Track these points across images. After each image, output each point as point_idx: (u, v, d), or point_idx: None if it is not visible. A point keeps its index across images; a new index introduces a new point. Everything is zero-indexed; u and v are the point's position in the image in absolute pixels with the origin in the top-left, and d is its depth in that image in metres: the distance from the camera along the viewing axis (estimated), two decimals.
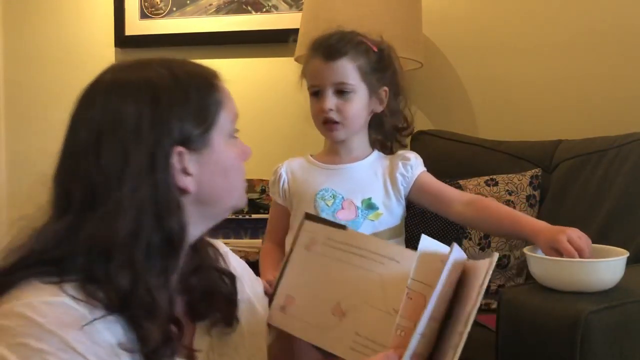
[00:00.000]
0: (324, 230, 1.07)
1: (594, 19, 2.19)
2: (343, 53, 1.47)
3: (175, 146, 0.92)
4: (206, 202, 0.97)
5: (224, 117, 0.99)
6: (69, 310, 0.84)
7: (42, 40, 2.82)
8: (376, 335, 0.96)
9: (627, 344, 1.26)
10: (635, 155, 1.79)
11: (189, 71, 0.99)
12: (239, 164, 1.02)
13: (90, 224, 0.88)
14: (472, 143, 2.13)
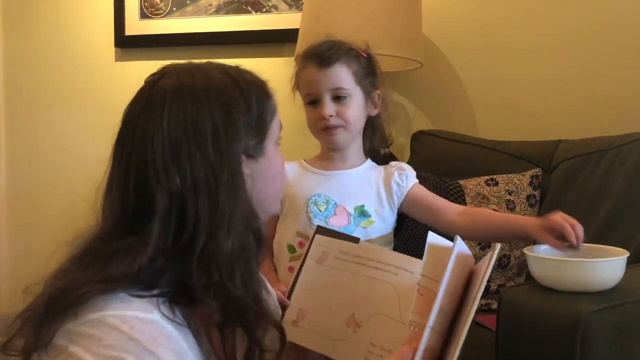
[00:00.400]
0: (336, 244, 1.08)
1: (593, 19, 2.19)
2: (336, 59, 1.49)
3: (241, 155, 0.93)
4: (257, 208, 0.97)
5: (275, 124, 1.00)
6: (160, 328, 0.83)
7: (42, 40, 2.82)
8: (392, 345, 0.96)
9: (627, 344, 1.27)
10: (635, 155, 1.79)
11: (247, 79, 0.98)
12: (284, 171, 1.04)
13: (194, 241, 0.87)
14: (472, 143, 2.14)
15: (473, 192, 1.92)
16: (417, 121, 2.38)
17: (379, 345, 0.97)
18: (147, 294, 0.84)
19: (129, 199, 0.89)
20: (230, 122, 0.91)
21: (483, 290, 0.91)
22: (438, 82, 2.36)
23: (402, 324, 0.96)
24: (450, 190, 1.93)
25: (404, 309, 0.97)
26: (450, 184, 1.95)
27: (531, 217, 1.46)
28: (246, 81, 0.97)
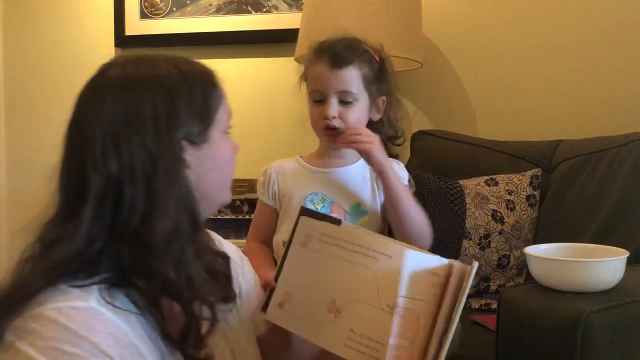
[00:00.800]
0: (319, 226, 1.09)
1: (593, 19, 2.19)
2: (349, 61, 1.47)
3: (182, 141, 0.95)
4: (200, 195, 0.99)
5: (222, 113, 1.02)
6: (96, 315, 0.86)
7: (42, 40, 2.82)
8: (371, 332, 0.97)
9: (627, 344, 1.27)
10: (635, 155, 1.79)
11: (193, 69, 1.01)
12: (232, 159, 1.05)
13: (128, 223, 0.90)
14: (472, 143, 2.14)
15: (473, 192, 1.93)
16: (417, 121, 2.38)
17: (359, 333, 0.98)
18: (85, 283, 0.88)
19: (71, 185, 0.94)
20: (171, 110, 0.94)
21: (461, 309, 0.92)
22: (438, 82, 2.36)
23: (382, 311, 0.97)
24: (450, 190, 1.93)
25: (383, 296, 0.98)
26: (450, 184, 1.95)
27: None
28: (191, 70, 1.00)
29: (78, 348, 0.83)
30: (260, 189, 1.59)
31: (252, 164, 2.60)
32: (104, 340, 0.85)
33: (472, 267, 0.94)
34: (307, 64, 1.54)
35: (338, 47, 1.48)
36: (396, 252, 1.01)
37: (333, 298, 1.02)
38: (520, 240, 1.88)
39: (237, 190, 2.27)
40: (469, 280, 0.93)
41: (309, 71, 1.52)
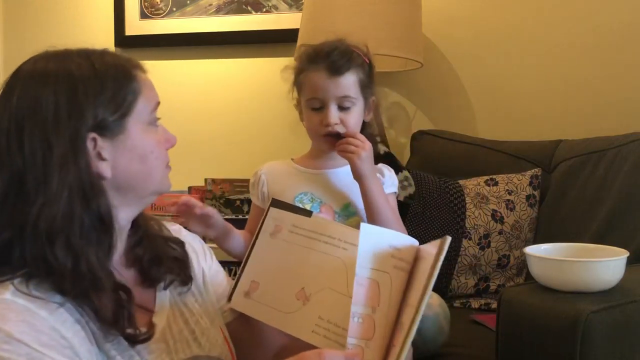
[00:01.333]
0: (290, 217, 1.11)
1: (593, 19, 2.19)
2: (347, 68, 1.49)
3: (89, 132, 0.96)
4: (125, 187, 1.01)
5: (142, 105, 1.02)
6: (9, 305, 0.88)
7: (42, 40, 2.80)
8: (338, 318, 0.99)
9: (627, 344, 1.27)
10: (635, 155, 1.79)
11: (107, 62, 1.03)
12: (158, 151, 1.04)
13: (28, 212, 0.92)
14: (472, 143, 2.14)
15: (473, 192, 1.93)
16: (417, 121, 2.38)
17: (327, 319, 0.99)
18: (5, 278, 0.90)
19: None
20: (74, 101, 0.96)
21: (432, 284, 0.92)
22: (438, 82, 2.36)
23: (349, 298, 0.99)
24: (450, 190, 1.93)
25: (351, 284, 0.99)
26: (450, 184, 1.95)
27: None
28: (104, 63, 1.03)
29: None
30: (251, 190, 1.61)
31: (252, 164, 2.60)
32: (16, 328, 0.86)
33: (444, 240, 0.95)
34: (301, 72, 1.55)
35: (334, 55, 1.50)
36: None
37: (302, 286, 1.03)
38: (520, 240, 1.89)
39: (237, 190, 2.28)
40: (442, 253, 0.94)
41: (305, 79, 1.53)
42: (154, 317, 1.05)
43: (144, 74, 1.06)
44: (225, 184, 2.29)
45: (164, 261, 1.09)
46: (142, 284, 1.07)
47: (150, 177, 1.03)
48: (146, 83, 1.05)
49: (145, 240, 1.09)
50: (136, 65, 1.06)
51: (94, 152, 0.97)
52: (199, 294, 1.16)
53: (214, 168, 2.43)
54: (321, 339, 0.98)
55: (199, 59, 2.62)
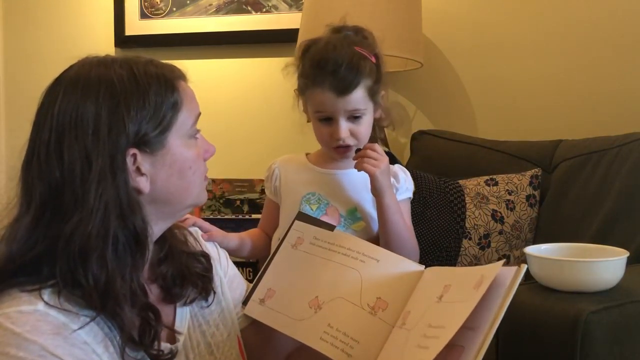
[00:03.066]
0: (312, 230, 1.12)
1: (594, 19, 2.19)
2: (355, 84, 1.42)
3: (130, 148, 0.94)
4: (162, 201, 1.00)
5: (183, 118, 1.00)
6: (43, 317, 0.87)
7: (42, 40, 2.82)
8: (347, 327, 0.99)
9: (627, 344, 1.27)
10: (635, 155, 1.79)
11: (149, 72, 0.99)
12: (198, 165, 1.03)
13: (63, 228, 0.91)
14: (472, 143, 2.14)
15: (473, 192, 1.93)
16: (417, 121, 2.38)
17: (336, 327, 0.99)
18: (35, 287, 0.89)
19: (22, 189, 0.96)
20: (114, 114, 0.94)
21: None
22: (438, 82, 2.36)
23: (361, 309, 0.99)
24: (450, 190, 1.93)
25: (365, 295, 1.00)
26: (450, 184, 1.95)
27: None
28: (147, 74, 0.98)
29: (24, 351, 0.84)
30: (266, 184, 1.59)
31: (252, 164, 2.61)
32: (51, 342, 0.85)
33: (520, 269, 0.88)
34: (306, 86, 1.47)
35: (340, 72, 1.41)
36: (384, 256, 1.04)
37: (316, 295, 1.04)
38: (520, 240, 1.89)
39: (237, 191, 2.28)
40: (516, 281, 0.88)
41: (311, 94, 1.46)
42: (176, 326, 1.05)
43: (186, 83, 1.04)
44: (225, 184, 2.29)
45: (188, 278, 1.07)
46: (164, 299, 1.05)
47: (187, 192, 1.02)
48: (188, 94, 1.03)
49: (170, 257, 1.07)
50: (179, 76, 1.04)
51: (133, 167, 0.95)
52: (217, 302, 1.14)
53: (214, 168, 2.42)
54: (328, 346, 0.98)
55: (199, 59, 2.62)
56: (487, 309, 0.88)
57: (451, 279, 0.96)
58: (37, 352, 0.84)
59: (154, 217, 0.99)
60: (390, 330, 0.97)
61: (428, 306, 0.95)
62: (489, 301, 0.88)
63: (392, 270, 1.03)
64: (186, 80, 1.05)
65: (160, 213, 1.01)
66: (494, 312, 0.87)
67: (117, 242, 0.93)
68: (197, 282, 1.08)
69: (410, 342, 0.92)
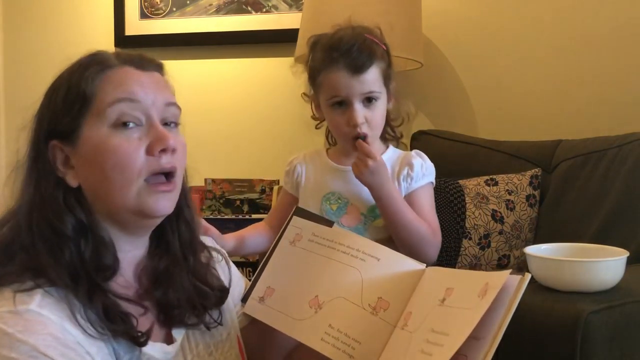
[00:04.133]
0: (310, 226, 1.10)
1: (593, 19, 2.19)
2: (370, 64, 1.43)
3: (51, 138, 0.95)
4: (95, 197, 0.95)
5: (98, 106, 0.93)
6: (35, 317, 0.86)
7: (42, 40, 2.82)
8: (348, 328, 0.98)
9: (627, 344, 1.27)
10: (635, 155, 1.79)
11: (82, 61, 0.97)
12: (125, 159, 0.92)
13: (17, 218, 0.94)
14: (472, 143, 2.14)
15: (473, 192, 1.93)
16: (417, 121, 2.38)
17: (337, 328, 0.98)
18: (28, 287, 0.88)
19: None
20: (43, 104, 0.96)
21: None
22: (438, 82, 2.36)
23: (362, 309, 0.98)
24: (450, 190, 1.93)
25: (366, 295, 0.99)
26: (450, 184, 1.95)
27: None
28: (78, 63, 0.97)
29: (15, 352, 0.83)
30: (285, 178, 1.58)
31: (252, 164, 2.61)
32: (43, 342, 0.84)
33: (524, 279, 0.87)
34: (319, 72, 1.47)
35: (354, 52, 1.42)
36: (385, 255, 1.03)
37: (316, 294, 1.03)
38: (520, 240, 1.88)
39: (237, 190, 2.28)
40: (520, 291, 0.87)
41: (325, 79, 1.45)
42: (173, 330, 1.02)
43: (131, 69, 0.96)
44: (225, 184, 2.29)
45: (195, 306, 1.02)
46: (158, 320, 1.00)
47: (113, 191, 0.92)
48: (115, 79, 0.94)
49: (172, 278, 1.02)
50: (123, 62, 0.96)
51: (59, 159, 0.95)
52: (225, 309, 1.12)
53: (213, 168, 2.43)
54: (329, 347, 0.97)
55: (199, 59, 2.62)
56: (492, 318, 0.88)
57: (453, 282, 0.95)
58: (28, 353, 0.83)
59: (104, 219, 0.95)
60: (392, 330, 0.97)
61: (430, 309, 0.94)
62: (494, 310, 0.88)
63: (393, 270, 1.02)
64: (142, 67, 0.97)
65: (106, 216, 0.95)
66: (497, 321, 0.87)
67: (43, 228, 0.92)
68: (203, 314, 1.04)
69: (413, 346, 0.91)
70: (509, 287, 0.88)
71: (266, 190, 2.27)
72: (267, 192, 2.27)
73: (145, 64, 0.98)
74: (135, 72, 0.96)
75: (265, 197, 2.28)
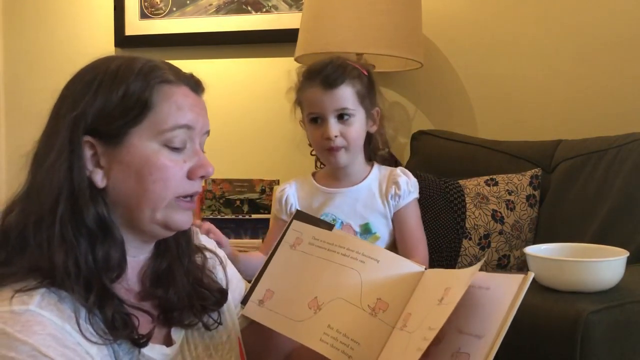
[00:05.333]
0: (311, 230, 1.11)
1: (593, 19, 2.19)
2: (342, 80, 1.53)
3: (88, 134, 0.93)
4: (120, 204, 0.96)
5: (155, 120, 0.94)
6: (35, 317, 0.86)
7: (42, 40, 2.82)
8: (347, 329, 0.98)
9: (627, 344, 1.27)
10: (635, 155, 1.79)
11: (135, 67, 0.96)
12: (165, 175, 0.95)
13: (28, 215, 0.92)
14: (472, 143, 2.14)
15: (473, 192, 1.93)
16: (417, 121, 2.38)
17: (336, 328, 0.99)
18: (29, 286, 0.88)
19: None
20: (81, 97, 0.93)
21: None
22: (438, 82, 2.36)
23: (361, 310, 0.99)
24: (450, 190, 1.93)
25: (365, 296, 0.99)
26: (450, 184, 1.95)
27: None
28: (131, 68, 0.96)
29: (14, 351, 0.83)
30: (277, 206, 1.65)
31: (252, 164, 2.61)
32: (43, 342, 0.84)
33: (526, 278, 0.88)
34: (300, 91, 1.59)
35: (328, 70, 1.54)
36: (384, 257, 1.04)
37: (316, 296, 1.03)
38: (520, 240, 1.88)
39: (237, 190, 2.28)
40: (523, 291, 0.89)
41: (303, 96, 1.58)
42: (172, 332, 1.03)
43: (189, 90, 0.99)
44: (225, 184, 2.29)
45: (194, 307, 1.04)
46: (159, 320, 1.01)
47: (145, 200, 0.95)
48: (175, 100, 0.96)
49: (172, 278, 1.03)
50: (176, 81, 0.98)
51: (90, 156, 0.94)
52: (225, 309, 1.12)
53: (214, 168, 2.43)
54: (328, 347, 0.97)
55: (199, 59, 2.62)
56: (493, 316, 0.88)
57: (451, 281, 0.96)
58: (28, 353, 0.83)
59: (121, 224, 0.96)
60: (391, 331, 0.97)
61: (429, 309, 0.94)
62: (494, 309, 0.88)
63: (392, 271, 1.02)
64: (195, 90, 1.00)
65: (125, 221, 0.97)
66: (499, 320, 0.87)
67: (70, 226, 0.91)
68: (202, 314, 1.05)
69: (411, 345, 0.92)
70: (511, 286, 0.89)
71: (266, 191, 2.27)
72: (267, 192, 2.27)
73: (199, 89, 1.02)
74: (191, 95, 1.00)
75: (265, 197, 2.28)
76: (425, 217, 1.87)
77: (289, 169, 2.00)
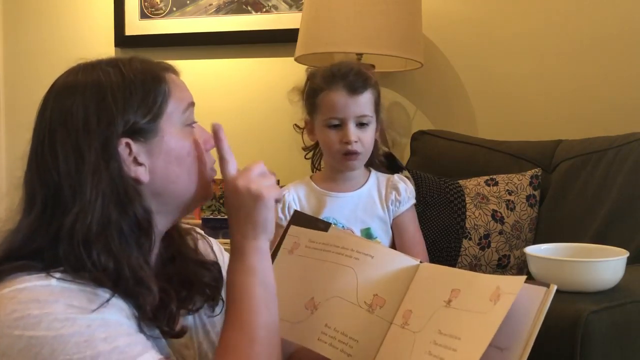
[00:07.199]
0: (307, 234, 1.12)
1: (593, 19, 2.19)
2: (365, 88, 1.57)
3: (122, 138, 0.96)
4: (165, 192, 1.00)
5: (173, 106, 1.01)
6: (56, 288, 0.88)
7: (42, 40, 2.82)
8: (345, 327, 0.98)
9: (627, 344, 1.27)
10: (635, 155, 1.79)
11: (135, 67, 1.01)
12: (198, 152, 1.03)
13: (63, 221, 0.93)
14: (472, 143, 2.14)
15: (473, 192, 1.93)
16: (417, 121, 2.38)
17: (333, 327, 0.99)
18: (42, 272, 0.90)
19: (25, 191, 1.00)
20: (102, 106, 0.95)
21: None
22: (438, 82, 2.36)
23: (358, 307, 0.98)
24: (450, 190, 1.93)
25: (361, 293, 0.99)
26: (450, 184, 1.95)
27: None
28: (132, 69, 1.00)
29: (48, 308, 0.86)
30: (279, 214, 1.64)
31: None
32: (77, 302, 0.87)
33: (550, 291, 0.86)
34: (317, 93, 1.59)
35: (351, 76, 1.56)
36: (378, 252, 1.03)
37: (312, 296, 1.04)
38: (520, 240, 1.88)
39: None
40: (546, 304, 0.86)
41: (324, 100, 1.58)
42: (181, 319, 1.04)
43: (175, 75, 1.05)
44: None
45: (195, 285, 1.07)
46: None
47: (190, 181, 1.01)
48: (177, 84, 1.03)
49: (178, 260, 1.07)
50: (166, 68, 1.05)
51: (129, 157, 0.96)
52: (222, 302, 1.12)
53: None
54: (327, 347, 0.97)
55: (199, 59, 2.62)
56: (513, 328, 0.86)
57: (459, 283, 0.94)
58: (63, 308, 0.86)
59: (159, 209, 1.00)
60: (389, 327, 0.97)
61: (435, 310, 0.93)
62: (516, 320, 0.87)
63: (387, 266, 1.02)
64: (176, 73, 1.06)
65: (163, 206, 1.01)
66: (524, 333, 0.86)
67: (121, 231, 0.94)
68: (205, 291, 1.08)
69: (419, 346, 0.91)
70: (533, 297, 0.87)
71: None
72: None
73: (177, 71, 1.08)
74: (177, 78, 1.06)
75: None
76: (425, 217, 1.87)
77: (288, 169, 1.99)
